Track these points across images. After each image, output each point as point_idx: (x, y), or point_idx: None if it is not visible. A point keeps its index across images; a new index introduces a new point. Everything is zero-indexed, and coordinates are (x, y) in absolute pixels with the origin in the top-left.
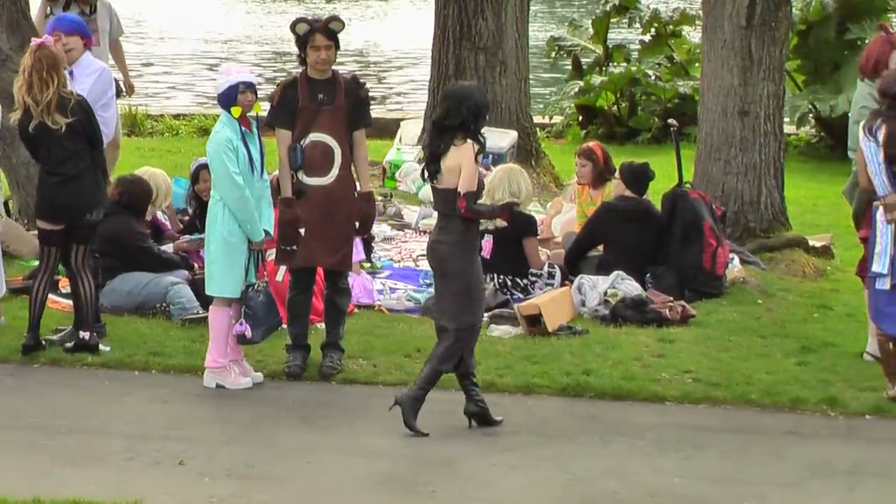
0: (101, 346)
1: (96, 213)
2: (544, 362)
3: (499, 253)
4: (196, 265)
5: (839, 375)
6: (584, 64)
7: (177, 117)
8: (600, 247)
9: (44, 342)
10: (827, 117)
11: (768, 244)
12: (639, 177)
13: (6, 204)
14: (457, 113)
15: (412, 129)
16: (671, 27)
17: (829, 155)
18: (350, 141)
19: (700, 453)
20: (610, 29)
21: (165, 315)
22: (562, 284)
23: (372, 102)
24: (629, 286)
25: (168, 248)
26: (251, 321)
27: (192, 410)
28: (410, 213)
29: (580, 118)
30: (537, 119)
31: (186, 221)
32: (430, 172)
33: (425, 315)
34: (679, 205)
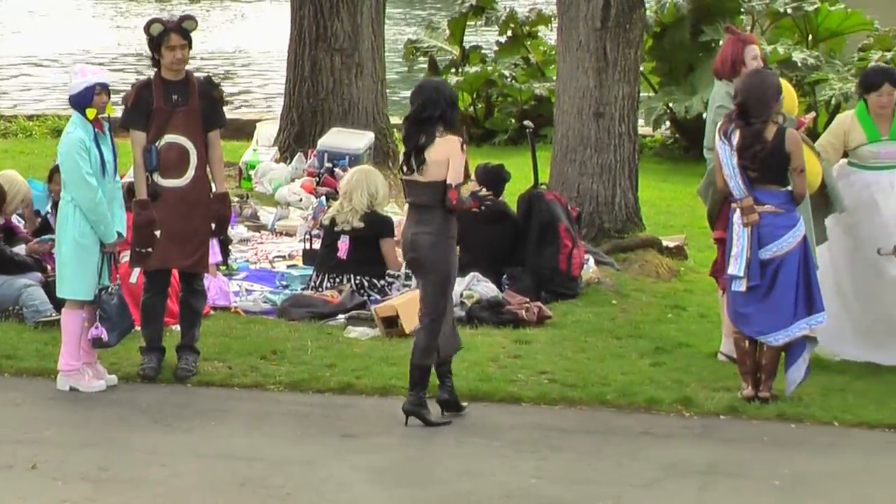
0: None
1: None
2: (402, 364)
3: (356, 254)
4: (49, 267)
5: (693, 376)
6: (441, 65)
7: (30, 118)
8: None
9: None
10: (682, 119)
11: (623, 245)
12: (494, 178)
13: None
14: (435, 105)
15: (268, 131)
16: (528, 28)
17: (684, 156)
18: (205, 142)
19: (556, 454)
20: (467, 30)
21: (18, 318)
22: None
23: (229, 104)
24: (485, 287)
25: (21, 250)
26: (106, 324)
27: (46, 413)
28: (267, 215)
29: None
30: (394, 120)
31: (41, 222)
32: (414, 165)
33: (281, 317)
34: (535, 206)
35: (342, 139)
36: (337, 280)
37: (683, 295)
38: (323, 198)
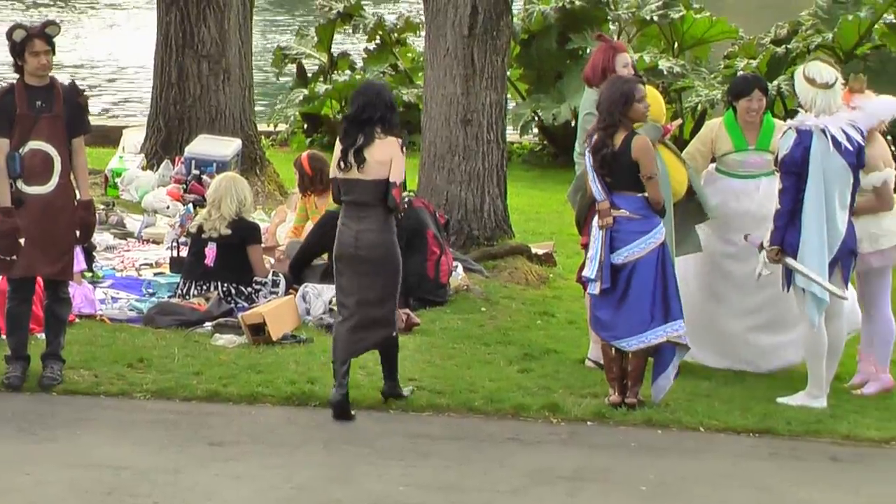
0: None
1: None
2: (269, 371)
3: (223, 261)
4: None
5: (561, 382)
6: (310, 72)
7: None
8: (326, 255)
9: None
10: (550, 126)
11: (491, 252)
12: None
13: None
14: (374, 107)
15: (135, 138)
16: (396, 35)
17: (553, 163)
18: (69, 148)
19: (424, 461)
20: (336, 37)
21: None
22: (286, 293)
23: (106, 112)
24: None
25: None
26: None
27: None
28: (133, 222)
29: (305, 126)
30: (262, 127)
31: None
32: (353, 163)
33: (148, 325)
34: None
35: (209, 146)
36: (204, 287)
37: (552, 301)
38: (190, 205)
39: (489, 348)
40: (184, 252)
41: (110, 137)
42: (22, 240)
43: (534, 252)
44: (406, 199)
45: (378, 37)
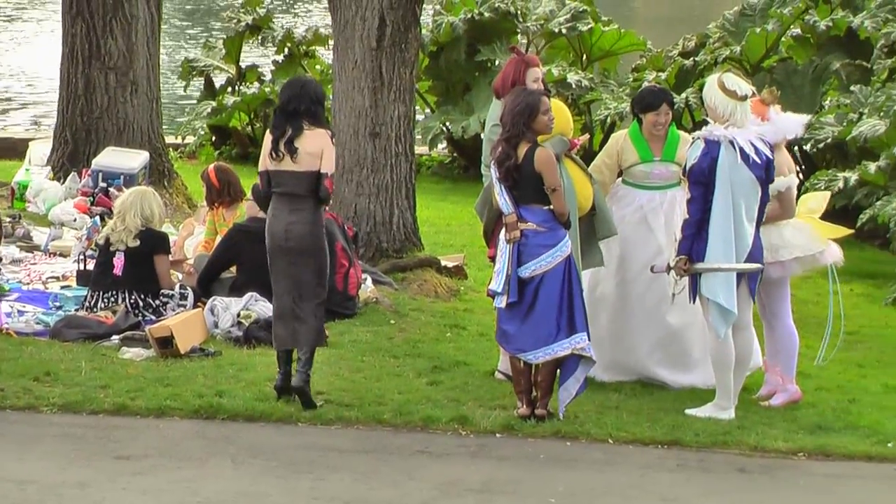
0: None
1: None
2: (177, 384)
3: (131, 270)
4: None
5: (470, 394)
6: (218, 84)
7: None
8: (234, 268)
9: None
10: (459, 138)
11: (401, 264)
12: (267, 198)
13: None
14: (300, 99)
15: (42, 150)
16: (304, 47)
17: (463, 175)
18: None
19: (333, 474)
20: (244, 49)
21: None
22: (194, 306)
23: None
24: (263, 307)
25: None
26: None
27: None
28: (40, 235)
29: (213, 138)
30: (170, 139)
31: None
32: (286, 153)
33: (55, 338)
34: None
35: (117, 158)
36: (112, 299)
37: (462, 314)
38: (97, 217)
39: (398, 361)
40: (91, 265)
41: (17, 149)
42: None
43: (444, 264)
44: None
45: (286, 49)
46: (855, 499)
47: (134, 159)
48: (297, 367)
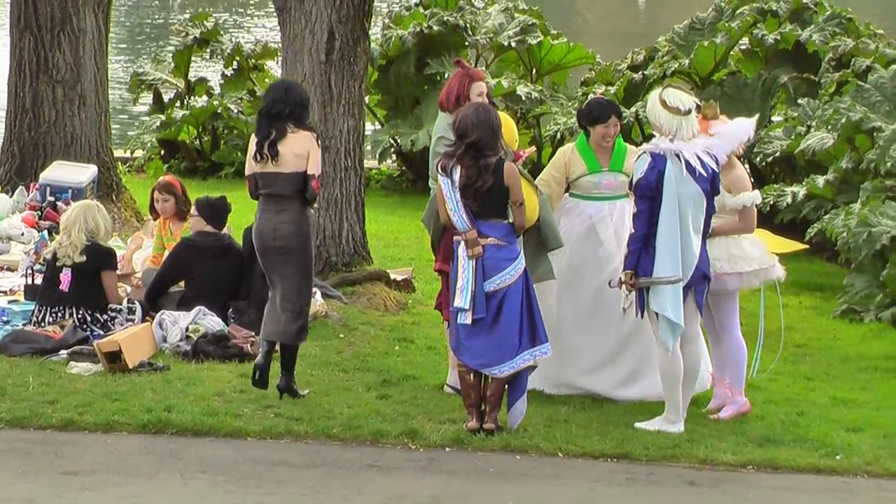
0: None
1: None
2: (125, 399)
3: (78, 287)
4: None
5: (420, 408)
6: (167, 98)
7: None
8: (182, 282)
9: None
10: (408, 152)
11: (350, 278)
12: (216, 210)
13: None
14: (284, 103)
15: None
16: (254, 61)
17: (411, 189)
18: None
19: (282, 489)
20: (193, 63)
21: None
22: (143, 320)
23: None
24: (211, 321)
25: None
26: None
27: None
28: None
29: (162, 152)
30: (119, 153)
31: None
32: (268, 155)
33: (1, 353)
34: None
35: (64, 172)
36: (59, 314)
37: (411, 328)
38: (45, 232)
39: (347, 375)
40: (39, 279)
41: None
42: None
43: (392, 278)
44: None
45: (235, 62)
46: None
47: (82, 173)
48: (281, 371)
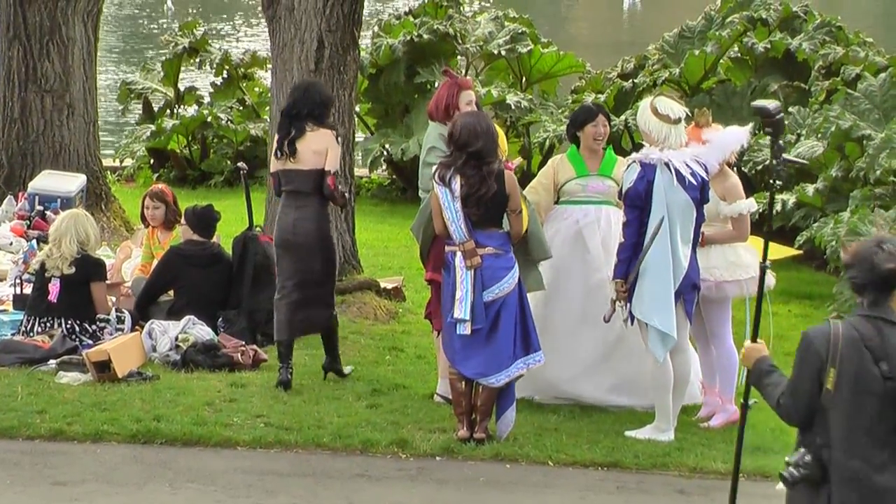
0: None
1: None
2: (114, 409)
3: (67, 297)
4: None
5: (410, 417)
6: (156, 107)
7: None
8: (171, 291)
9: None
10: (398, 161)
11: (340, 287)
12: (204, 220)
13: None
14: (304, 103)
15: None
16: (243, 70)
17: (401, 197)
18: None
19: (271, 498)
20: (183, 72)
21: None
22: (132, 330)
23: None
24: (201, 331)
25: None
26: None
27: None
28: None
29: (152, 161)
30: (108, 162)
31: None
32: (287, 153)
33: None
34: (249, 248)
35: (53, 182)
36: (48, 324)
37: (401, 337)
38: (34, 241)
39: (337, 384)
40: (27, 289)
41: None
42: None
43: (382, 287)
44: (253, 234)
45: (225, 71)
46: None
47: (71, 182)
48: (326, 352)
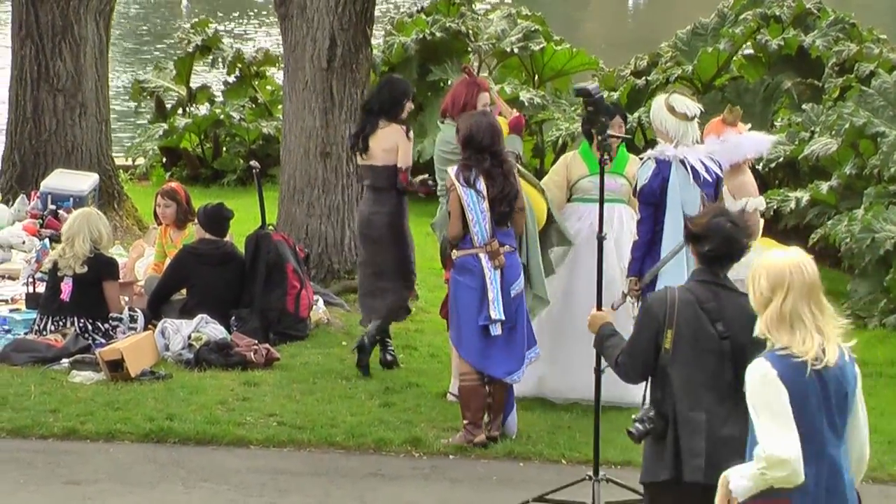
0: None
1: None
2: (127, 408)
3: (79, 296)
4: None
5: (423, 416)
6: (169, 105)
7: None
8: (184, 290)
9: None
10: (415, 162)
11: (352, 286)
12: (216, 219)
13: None
14: (375, 98)
15: None
16: (255, 68)
17: (413, 195)
18: None
19: (284, 498)
20: (195, 70)
21: None
22: (145, 328)
23: None
24: (213, 329)
25: None
26: None
27: None
28: None
29: (164, 160)
30: (121, 161)
31: None
32: (360, 148)
33: (3, 362)
34: (262, 247)
35: (66, 181)
36: (61, 323)
37: (414, 335)
38: (46, 240)
39: (350, 383)
40: (40, 288)
41: None
42: None
43: None
44: (265, 233)
45: (237, 70)
46: None
47: (83, 181)
48: (367, 330)
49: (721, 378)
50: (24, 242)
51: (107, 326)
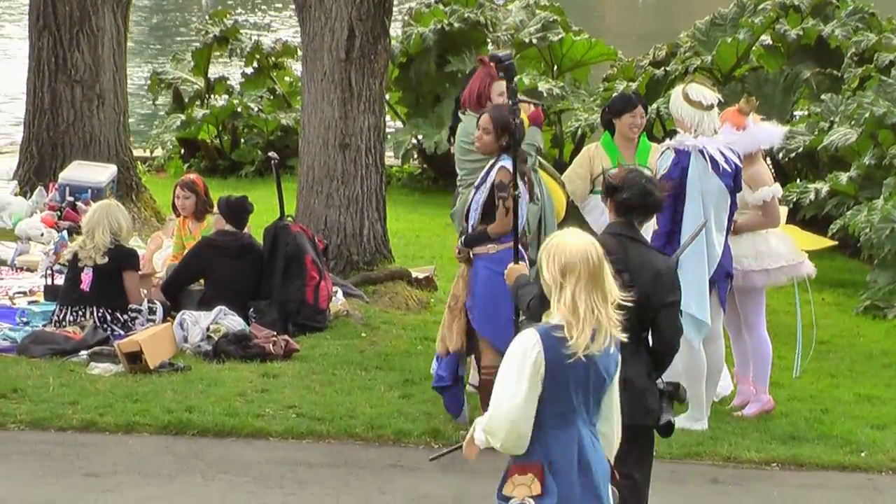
0: None
1: None
2: (145, 400)
3: (99, 286)
4: None
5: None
6: (186, 97)
7: None
8: (202, 281)
9: None
10: (432, 153)
11: (371, 277)
12: (237, 210)
13: None
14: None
15: (7, 164)
16: (273, 59)
17: (433, 187)
18: None
19: (303, 489)
20: (213, 61)
21: None
22: (164, 320)
23: None
24: (232, 321)
25: None
26: None
27: None
28: (6, 250)
29: (182, 151)
30: (139, 153)
31: None
32: (451, 143)
33: (22, 354)
34: (280, 238)
35: (84, 172)
36: (80, 313)
37: (433, 326)
38: (65, 232)
39: (369, 374)
40: (59, 280)
41: None
42: None
43: (414, 276)
44: (284, 224)
45: (255, 61)
46: None
47: (101, 173)
48: None
49: (625, 323)
50: (43, 234)
51: (126, 317)
